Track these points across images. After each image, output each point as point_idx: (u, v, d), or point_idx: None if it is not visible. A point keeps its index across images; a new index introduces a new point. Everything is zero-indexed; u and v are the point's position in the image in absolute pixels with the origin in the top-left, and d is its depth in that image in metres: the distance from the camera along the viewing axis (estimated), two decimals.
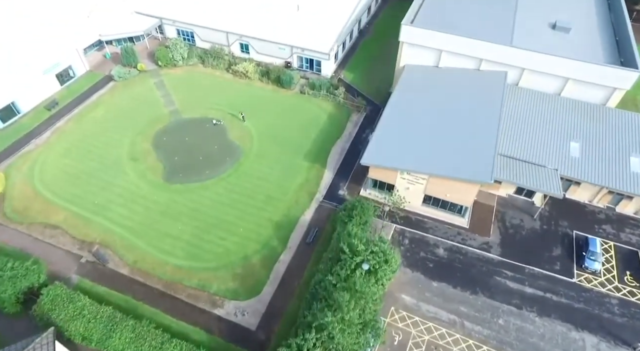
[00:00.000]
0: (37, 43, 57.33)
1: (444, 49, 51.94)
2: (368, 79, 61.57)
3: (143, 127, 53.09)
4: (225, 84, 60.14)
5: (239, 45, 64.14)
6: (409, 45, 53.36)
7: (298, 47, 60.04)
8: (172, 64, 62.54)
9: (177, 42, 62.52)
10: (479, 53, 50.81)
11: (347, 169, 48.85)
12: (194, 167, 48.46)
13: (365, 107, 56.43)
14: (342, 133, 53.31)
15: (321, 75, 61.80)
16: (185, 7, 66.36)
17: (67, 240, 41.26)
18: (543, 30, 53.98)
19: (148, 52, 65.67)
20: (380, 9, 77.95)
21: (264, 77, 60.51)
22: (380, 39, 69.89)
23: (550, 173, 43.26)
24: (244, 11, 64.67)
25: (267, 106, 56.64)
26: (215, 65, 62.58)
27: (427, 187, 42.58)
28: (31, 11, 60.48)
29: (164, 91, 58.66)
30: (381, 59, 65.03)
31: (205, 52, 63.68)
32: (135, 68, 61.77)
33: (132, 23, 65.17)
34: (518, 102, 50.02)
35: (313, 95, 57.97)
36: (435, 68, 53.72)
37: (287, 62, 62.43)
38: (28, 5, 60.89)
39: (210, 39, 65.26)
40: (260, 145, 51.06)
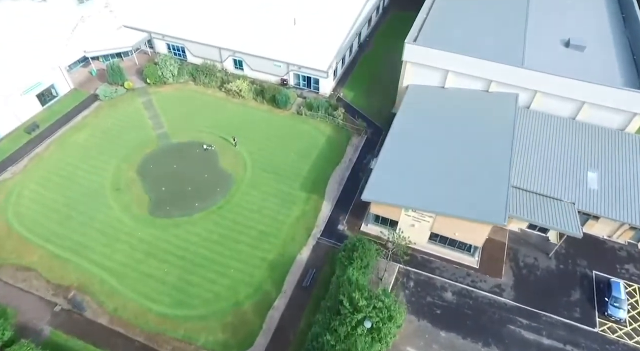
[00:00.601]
0: (16, 61, 53.81)
1: (450, 69, 48.55)
2: (369, 98, 58.14)
3: (129, 152, 49.61)
4: (217, 104, 56.68)
5: (232, 61, 60.69)
6: (412, 64, 49.94)
7: (294, 64, 56.59)
8: (161, 81, 59.07)
9: (166, 59, 59.06)
10: (488, 74, 47.44)
11: (347, 200, 45.45)
12: (182, 198, 45.03)
13: (366, 129, 53.00)
14: (342, 159, 49.89)
15: (319, 93, 58.37)
16: (176, 21, 62.83)
17: (41, 285, 37.82)
18: (556, 48, 50.57)
19: (137, 68, 62.16)
20: (381, 20, 74.50)
21: (258, 96, 57.05)
22: (381, 52, 66.44)
23: (567, 209, 39.87)
24: (238, 25, 61.16)
25: (262, 128, 53.19)
26: (207, 82, 59.10)
27: (433, 224, 39.18)
28: (9, 26, 56.96)
29: (153, 112, 55.19)
30: (382, 75, 61.61)
31: (196, 69, 60.18)
32: (122, 86, 58.30)
33: (119, 38, 61.64)
34: (530, 127, 46.64)
35: (310, 116, 54.54)
36: (441, 89, 50.33)
37: (283, 79, 58.99)
38: (6, 21, 57.36)
39: (202, 55, 61.79)
40: (254, 173, 47.62)
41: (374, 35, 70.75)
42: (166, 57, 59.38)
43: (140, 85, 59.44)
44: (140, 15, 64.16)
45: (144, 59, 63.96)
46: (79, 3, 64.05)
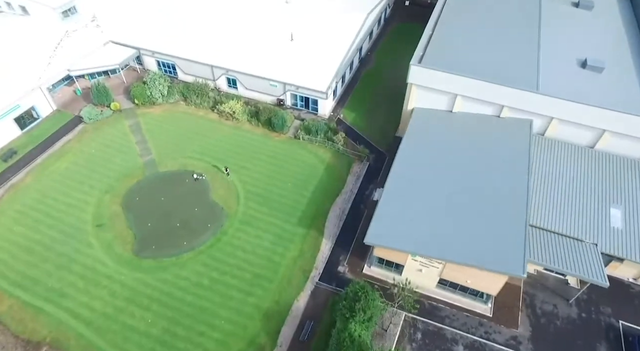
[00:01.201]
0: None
1: (459, 93, 45.05)
2: (371, 119, 54.60)
3: (113, 182, 46.06)
4: (209, 127, 53.11)
5: (225, 80, 57.14)
6: (418, 87, 46.44)
7: (291, 84, 53.03)
8: (150, 102, 55.49)
9: (155, 78, 55.46)
10: (500, 99, 43.95)
11: (348, 237, 41.96)
12: (169, 235, 41.50)
13: (369, 155, 49.48)
14: (342, 190, 46.38)
15: (318, 114, 54.84)
16: (166, 37, 59.23)
17: (9, 341, 34.25)
18: (572, 69, 47.06)
19: (125, 86, 58.61)
20: (383, 32, 70.93)
21: (253, 118, 53.51)
22: (383, 69, 62.90)
23: (589, 251, 36.39)
24: (232, 42, 57.61)
25: (257, 155, 49.63)
26: (198, 103, 55.54)
27: (443, 270, 35.69)
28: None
29: (140, 136, 51.61)
30: (385, 93, 58.10)
31: (188, 88, 56.58)
32: (108, 107, 54.72)
33: (106, 55, 58.01)
34: (546, 156, 43.18)
35: (309, 141, 51.01)
36: (449, 113, 46.82)
37: (279, 99, 55.45)
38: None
39: (194, 73, 58.21)
40: (247, 207, 44.09)
41: (375, 49, 67.18)
42: (155, 75, 55.78)
43: (128, 105, 55.86)
44: (128, 31, 60.59)
45: (132, 76, 60.39)
46: (64, 17, 60.57)
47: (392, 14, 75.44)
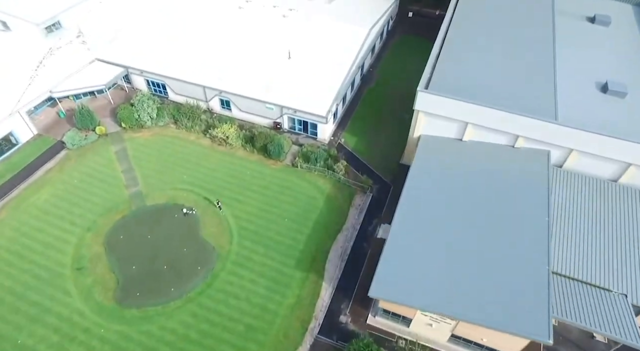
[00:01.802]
0: None
1: (470, 122, 41.58)
2: (374, 144, 51.08)
3: (96, 218, 42.54)
4: (200, 153, 49.55)
5: (218, 101, 53.59)
6: (426, 114, 42.95)
7: (289, 107, 49.49)
8: (138, 125, 51.93)
9: (143, 100, 51.91)
10: (515, 129, 40.45)
11: (351, 281, 38.54)
12: (156, 280, 38.00)
13: (372, 186, 45.98)
14: (344, 225, 42.89)
15: (317, 139, 51.29)
16: (156, 54, 55.62)
17: None
18: (592, 94, 43.60)
19: (111, 107, 55.03)
20: (386, 45, 67.39)
21: (247, 144, 49.96)
22: (386, 86, 59.42)
23: (619, 303, 32.92)
24: (225, 60, 54.01)
25: (251, 185, 46.10)
26: (190, 127, 51.97)
27: (456, 327, 32.22)
28: None
29: (127, 164, 48.05)
30: (389, 114, 54.64)
31: (178, 110, 53.04)
32: (93, 131, 51.16)
33: (91, 74, 54.42)
34: (565, 191, 39.70)
35: (307, 170, 47.49)
36: (459, 142, 43.32)
37: (276, 122, 51.90)
38: None
39: (185, 93, 54.66)
40: (241, 246, 40.58)
41: (378, 65, 63.63)
42: (143, 97, 52.22)
43: (115, 128, 52.29)
44: (116, 48, 57.00)
45: (120, 95, 56.81)
46: (48, 33, 57.10)
47: (394, 25, 71.91)
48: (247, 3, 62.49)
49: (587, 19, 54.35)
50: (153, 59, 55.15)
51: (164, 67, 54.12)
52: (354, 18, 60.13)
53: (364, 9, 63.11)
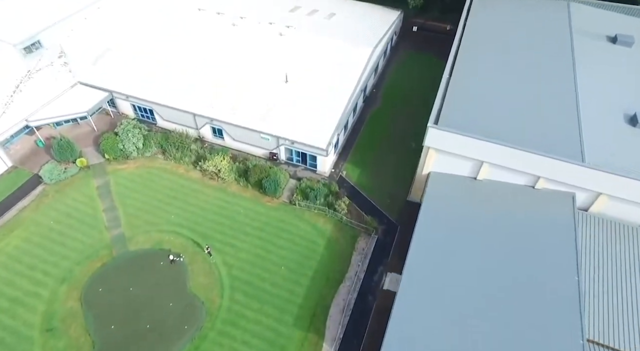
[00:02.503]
0: None
1: (485, 161, 37.61)
2: (378, 177, 47.07)
3: (73, 266, 38.52)
4: (190, 188, 45.51)
5: (210, 129, 49.54)
6: (437, 150, 38.95)
7: (286, 138, 45.46)
8: (123, 156, 47.90)
9: (128, 129, 47.90)
10: (536, 170, 36.48)
11: (355, 341, 34.52)
12: (137, 343, 33.96)
13: (377, 228, 41.99)
14: (346, 275, 38.87)
15: (317, 171, 47.28)
16: (142, 77, 51.58)
17: None
18: (620, 128, 39.48)
19: (95, 135, 51.00)
20: (389, 65, 63.39)
21: (241, 178, 45.94)
22: (391, 109, 55.43)
23: None
24: (217, 85, 49.95)
25: (245, 226, 42.07)
26: (179, 158, 47.92)
27: None
28: None
29: (109, 201, 44.01)
30: (394, 142, 50.66)
31: (166, 139, 49.01)
32: (74, 163, 47.10)
33: (73, 99, 50.35)
34: (593, 240, 35.68)
35: (306, 208, 43.49)
36: (473, 181, 39.34)
37: (272, 153, 47.89)
38: None
39: (174, 120, 50.62)
40: (233, 301, 36.56)
41: (382, 84, 59.61)
42: (128, 126, 48.20)
43: (98, 159, 48.26)
44: (100, 70, 52.96)
45: (104, 121, 52.79)
46: (26, 54, 53.12)
47: (398, 40, 67.95)
48: (242, 20, 58.49)
49: (608, 38, 50.36)
50: (140, 82, 51.11)
51: (151, 92, 50.09)
52: (356, 36, 56.18)
53: (366, 25, 59.20)
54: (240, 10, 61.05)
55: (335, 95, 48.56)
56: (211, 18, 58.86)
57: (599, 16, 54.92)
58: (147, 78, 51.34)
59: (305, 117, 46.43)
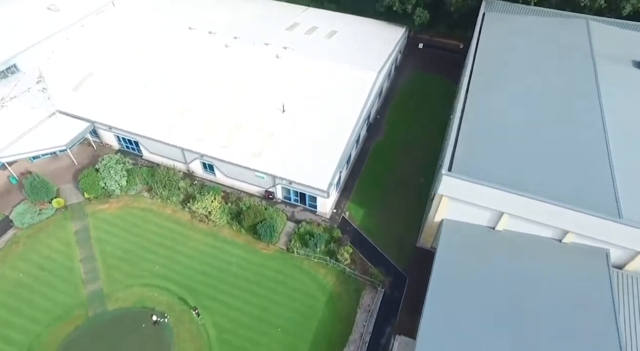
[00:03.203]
0: None
1: (506, 212, 33.49)
2: (384, 218, 42.91)
3: (42, 330, 34.33)
4: (178, 233, 41.34)
5: (200, 164, 45.37)
6: (451, 198, 34.80)
7: (282, 178, 41.29)
8: (105, 195, 43.72)
9: (110, 165, 43.75)
10: (564, 224, 32.37)
11: None
12: None
13: (384, 280, 37.85)
14: (350, 336, 34.73)
15: (317, 212, 43.14)
16: (127, 106, 47.37)
17: None
18: None
19: (76, 169, 46.87)
20: (394, 87, 59.13)
21: (234, 220, 41.79)
22: (396, 139, 51.24)
23: None
24: (208, 116, 45.75)
25: (237, 279, 37.90)
26: (166, 196, 43.73)
27: None
28: None
29: (87, 249, 39.84)
30: (401, 176, 46.53)
31: (153, 175, 44.79)
32: (50, 203, 42.91)
33: (51, 130, 46.14)
34: (632, 303, 31.60)
35: (305, 256, 39.34)
36: (491, 231, 35.20)
37: (268, 191, 43.74)
38: None
39: (162, 153, 46.47)
40: None
41: (385, 111, 55.38)
42: (111, 161, 44.06)
43: (77, 197, 44.11)
44: (82, 97, 48.76)
45: (86, 152, 48.69)
46: (1, 79, 48.80)
47: (404, 59, 63.75)
48: (235, 40, 54.25)
49: (634, 63, 46.15)
50: (124, 112, 46.91)
51: (135, 123, 45.89)
52: (359, 58, 51.98)
53: (369, 45, 55.02)
54: (234, 28, 56.90)
55: (337, 126, 44.37)
56: (202, 38, 54.62)
57: (621, 37, 50.72)
58: (132, 107, 47.14)
59: (304, 153, 42.25)
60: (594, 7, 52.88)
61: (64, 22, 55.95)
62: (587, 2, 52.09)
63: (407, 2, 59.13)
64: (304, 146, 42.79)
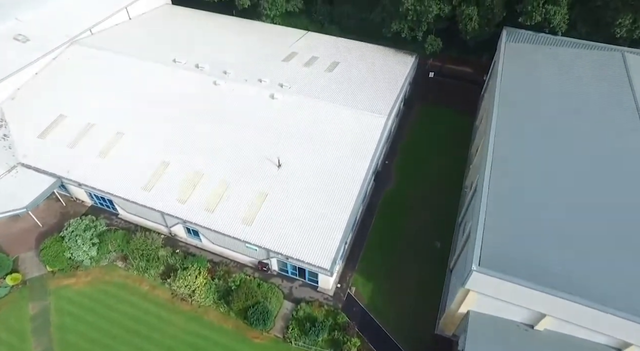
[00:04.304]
0: None
1: (549, 314, 27.54)
2: (396, 294, 36.90)
3: None
4: (155, 317, 35.31)
5: (183, 228, 39.30)
6: (481, 293, 28.82)
7: (278, 253, 35.19)
8: (72, 267, 37.67)
9: (78, 232, 37.67)
10: (620, 333, 26.40)
11: None
12: None
13: None
14: None
15: (318, 288, 37.12)
16: (98, 158, 41.22)
17: None
18: None
19: (40, 231, 40.85)
20: (402, 125, 52.92)
21: (221, 300, 35.76)
22: (406, 189, 45.30)
23: None
24: (191, 172, 39.58)
25: None
26: (143, 269, 37.68)
27: None
28: None
29: (46, 341, 33.77)
30: (414, 239, 40.60)
31: (128, 241, 38.73)
32: (3, 279, 36.83)
33: (9, 187, 39.97)
34: None
35: (304, 347, 33.33)
36: (530, 330, 29.21)
37: (262, 263, 37.73)
38: None
39: (139, 214, 40.41)
40: None
41: (395, 154, 49.25)
42: (79, 227, 38.02)
43: (39, 270, 38.18)
44: (48, 145, 42.58)
45: (53, 210, 42.69)
46: None
47: (412, 90, 57.42)
48: (225, 76, 48.08)
49: None
50: (95, 164, 40.75)
51: (108, 180, 39.71)
52: (364, 97, 45.97)
53: (376, 79, 49.06)
54: (224, 59, 50.73)
55: (342, 185, 38.32)
56: (188, 74, 48.39)
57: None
58: (105, 159, 40.97)
59: (303, 220, 36.16)
60: (630, 38, 46.78)
61: (33, 54, 49.65)
62: (622, 33, 45.89)
63: (417, 28, 53.10)
64: (302, 210, 36.70)
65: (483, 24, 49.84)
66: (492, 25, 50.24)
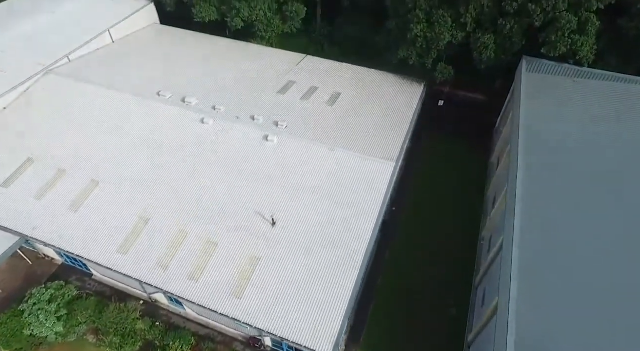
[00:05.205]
0: None
1: None
2: None
3: None
4: None
5: (165, 297, 34.45)
6: None
7: (272, 334, 30.32)
8: (32, 345, 32.77)
9: (41, 305, 32.79)
10: None
11: None
12: None
13: None
14: None
15: None
16: (68, 212, 36.27)
17: None
18: None
19: (3, 297, 35.88)
20: (410, 163, 47.86)
21: None
22: (415, 241, 40.58)
23: None
24: (172, 233, 34.66)
25: None
26: (118, 345, 32.77)
27: None
28: None
29: None
30: (425, 302, 35.89)
31: (101, 312, 33.87)
32: None
33: None
34: None
35: None
36: None
37: (254, 338, 32.89)
38: None
39: (116, 278, 35.58)
40: None
41: (403, 199, 44.35)
42: (42, 300, 33.10)
43: None
44: (12, 198, 37.57)
45: (18, 270, 37.88)
46: None
47: (419, 122, 52.26)
48: (214, 112, 43.21)
49: None
50: (65, 220, 35.79)
51: (80, 239, 34.75)
52: (369, 137, 41.16)
53: (383, 114, 44.40)
54: (214, 91, 45.95)
55: (345, 246, 33.45)
56: (173, 110, 43.49)
57: None
58: (77, 214, 36.04)
59: (301, 291, 31.31)
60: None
61: (1, 86, 44.75)
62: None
63: (426, 56, 48.18)
64: (300, 280, 31.85)
65: (500, 52, 44.99)
66: (509, 54, 45.39)
